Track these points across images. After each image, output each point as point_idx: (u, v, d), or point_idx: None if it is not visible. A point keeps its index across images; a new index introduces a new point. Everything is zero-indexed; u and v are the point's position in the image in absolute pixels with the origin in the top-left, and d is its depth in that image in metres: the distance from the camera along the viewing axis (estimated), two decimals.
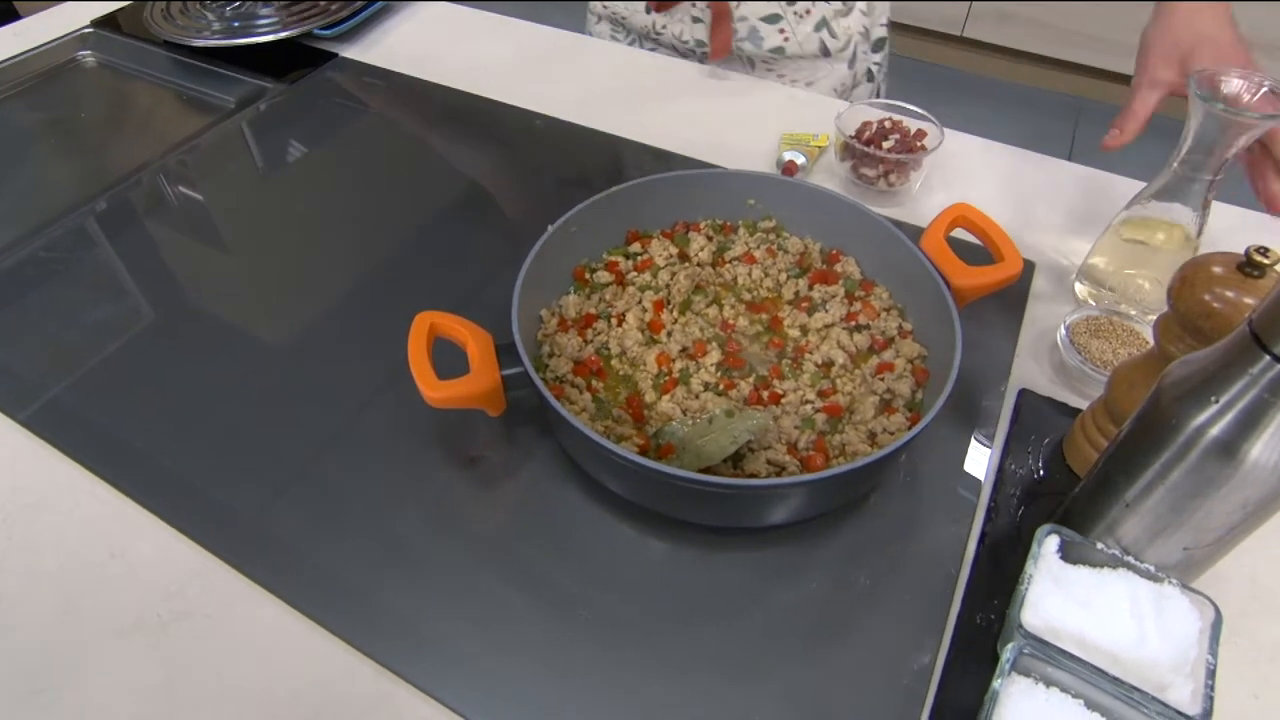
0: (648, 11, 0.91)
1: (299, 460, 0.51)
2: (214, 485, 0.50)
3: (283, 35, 0.91)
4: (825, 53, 0.88)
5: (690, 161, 0.73)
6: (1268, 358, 0.31)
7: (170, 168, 0.74)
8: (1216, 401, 0.33)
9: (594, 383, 0.52)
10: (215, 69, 0.88)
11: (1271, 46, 1.84)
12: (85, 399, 0.55)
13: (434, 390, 0.45)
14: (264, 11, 0.95)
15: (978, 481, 0.50)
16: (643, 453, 0.47)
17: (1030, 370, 0.57)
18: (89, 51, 0.95)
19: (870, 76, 0.94)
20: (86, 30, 0.95)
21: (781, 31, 0.86)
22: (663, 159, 0.74)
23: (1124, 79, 1.98)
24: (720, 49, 0.82)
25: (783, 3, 0.84)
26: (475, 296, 0.62)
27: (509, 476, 0.51)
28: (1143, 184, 0.60)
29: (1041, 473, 0.51)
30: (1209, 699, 0.35)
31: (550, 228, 0.54)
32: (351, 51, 0.91)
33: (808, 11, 0.86)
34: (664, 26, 0.90)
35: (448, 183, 0.74)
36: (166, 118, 0.86)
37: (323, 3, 0.95)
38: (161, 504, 0.49)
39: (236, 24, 0.94)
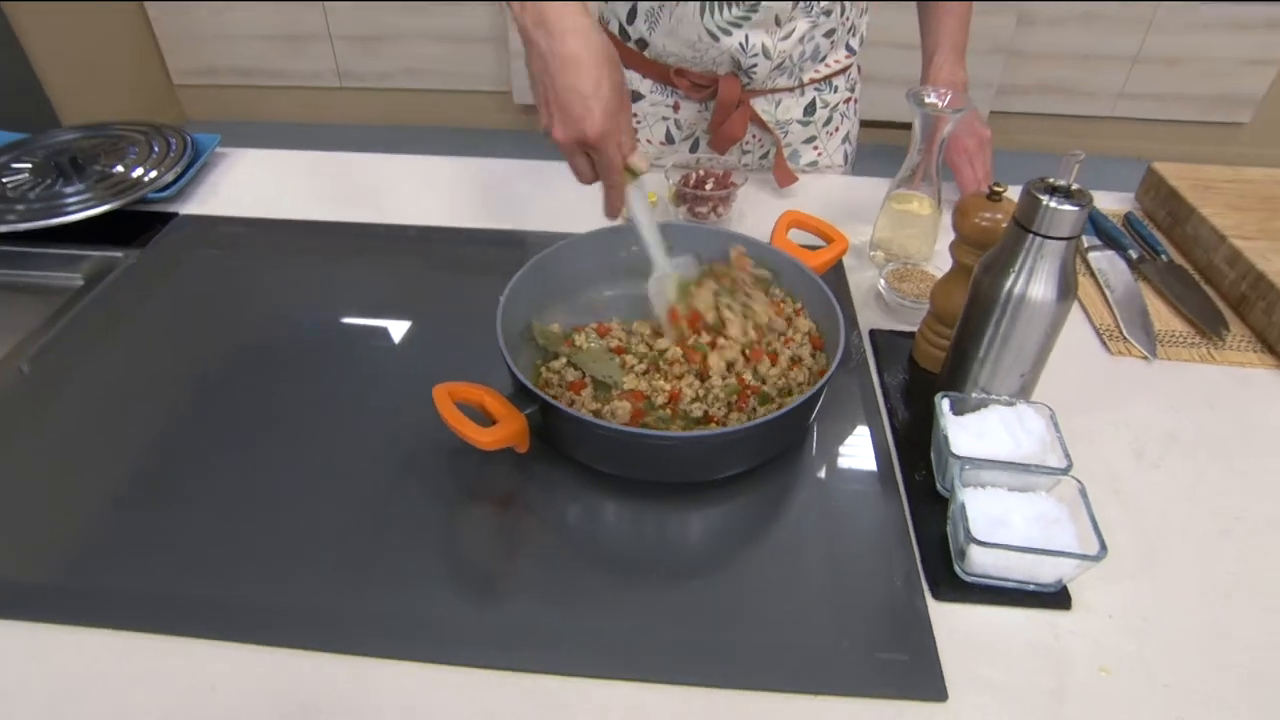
0: (691, 150, 1.00)
1: (363, 555, 0.55)
2: (296, 595, 0.53)
3: (101, 210, 0.91)
4: (846, 160, 1.05)
5: (558, 236, 0.86)
6: (1030, 234, 0.52)
7: (41, 358, 0.72)
8: (1015, 271, 0.53)
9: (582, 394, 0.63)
10: (44, 250, 0.86)
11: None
12: (95, 568, 0.54)
13: (484, 436, 0.54)
14: (69, 190, 0.94)
15: (874, 396, 0.68)
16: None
17: (869, 316, 0.78)
18: None
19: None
20: None
21: (816, 149, 1.01)
22: (536, 239, 0.87)
23: None
24: (786, 178, 0.95)
25: (819, 126, 0.99)
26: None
27: (541, 495, 0.60)
28: (884, 179, 0.84)
29: (905, 376, 0.70)
30: (1067, 457, 0.54)
31: (501, 299, 0.65)
32: (189, 208, 0.94)
33: (837, 129, 1.01)
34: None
35: (356, 300, 0.80)
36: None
37: (137, 174, 0.96)
38: (242, 630, 0.51)
39: (39, 205, 0.92)
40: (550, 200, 0.94)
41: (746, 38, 0.87)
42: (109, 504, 0.59)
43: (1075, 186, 0.51)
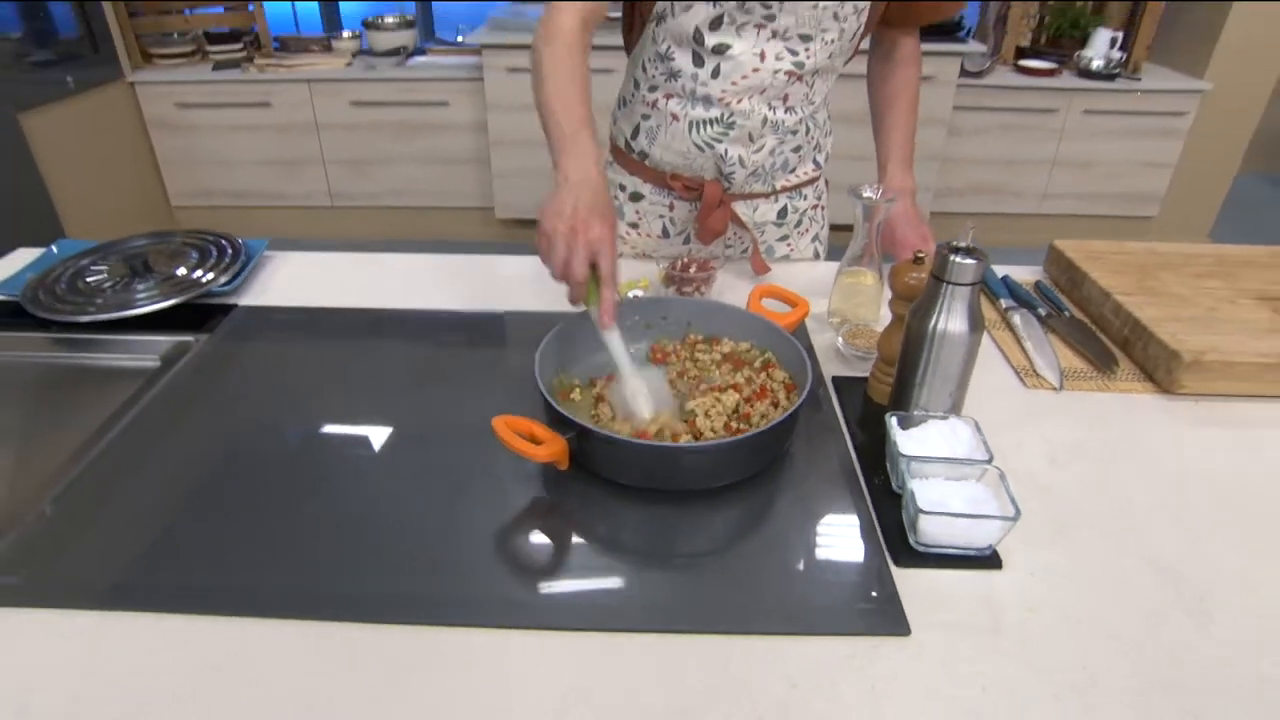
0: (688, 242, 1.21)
1: (437, 553, 0.68)
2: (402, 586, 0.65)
3: (167, 304, 1.05)
4: (816, 256, 1.25)
5: (562, 315, 1.02)
6: (944, 283, 0.69)
7: (138, 420, 0.84)
8: (936, 313, 0.71)
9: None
10: (125, 336, 0.99)
11: None
12: (219, 571, 0.66)
13: (538, 451, 0.68)
14: (141, 287, 1.08)
15: (839, 426, 0.84)
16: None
17: (830, 368, 0.94)
18: None
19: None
20: None
21: (789, 245, 1.22)
22: (545, 319, 1.03)
23: None
24: (761, 268, 1.14)
25: (791, 227, 1.21)
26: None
27: (575, 504, 0.73)
28: (837, 261, 1.03)
29: (861, 410, 0.86)
30: (989, 452, 0.70)
31: (537, 355, 0.80)
32: (246, 300, 1.08)
33: (806, 230, 1.23)
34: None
35: (400, 366, 0.95)
36: (85, 397, 0.95)
37: (197, 275, 1.11)
38: (350, 612, 0.62)
39: (115, 300, 1.05)
40: (548, 290, 1.11)
41: (726, 150, 1.08)
42: (238, 524, 0.71)
43: (973, 246, 0.69)
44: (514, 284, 1.13)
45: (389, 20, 3.33)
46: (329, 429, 0.84)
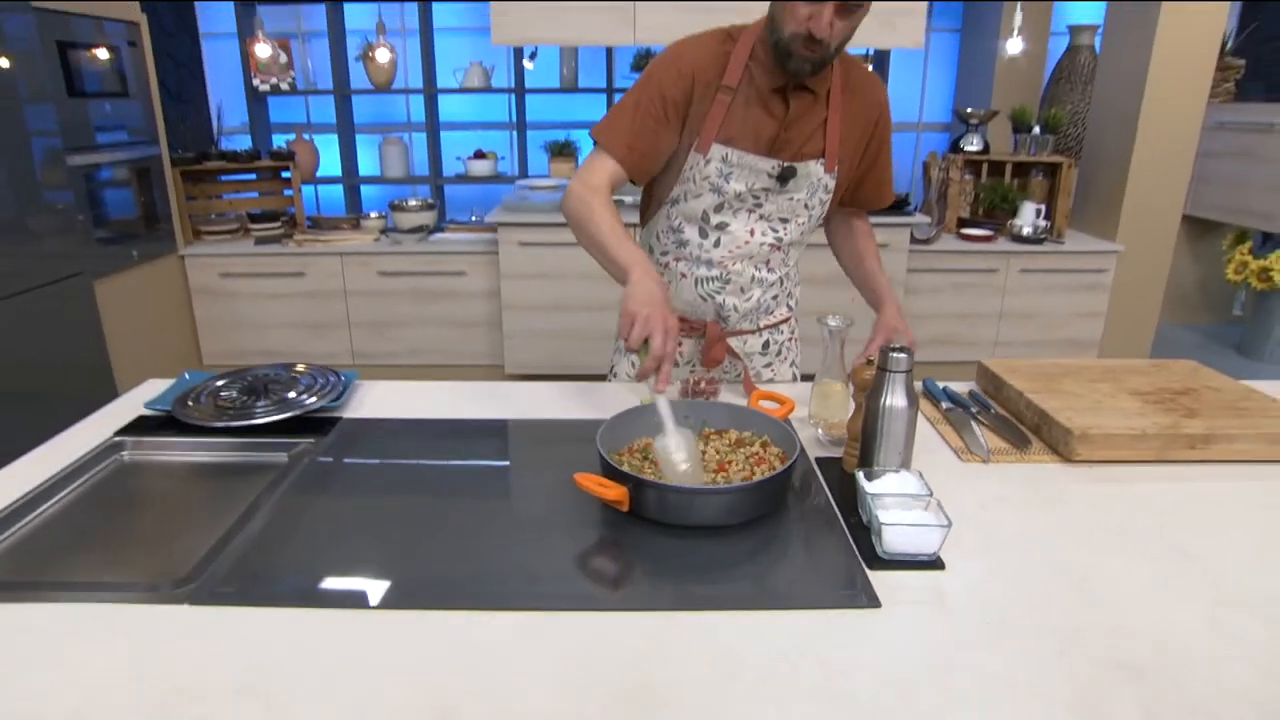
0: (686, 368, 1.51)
1: (532, 570, 0.92)
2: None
3: (282, 417, 1.32)
4: (795, 379, 1.57)
5: (600, 420, 1.30)
6: (886, 372, 1.00)
7: (281, 499, 1.09)
8: (883, 394, 1.00)
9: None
10: (257, 440, 1.25)
11: None
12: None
13: (609, 493, 0.94)
14: (260, 404, 1.36)
15: (823, 488, 1.10)
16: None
17: (813, 451, 1.22)
18: (127, 453, 1.24)
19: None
20: (115, 439, 1.25)
21: (772, 370, 1.53)
22: (588, 425, 1.31)
23: None
24: (750, 389, 1.37)
25: (773, 355, 1.52)
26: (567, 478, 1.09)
27: (633, 538, 0.98)
28: (808, 381, 1.34)
29: (839, 476, 1.13)
30: (929, 488, 0.97)
31: (598, 439, 1.07)
32: (348, 413, 1.36)
33: (785, 358, 1.54)
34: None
35: (489, 446, 1.21)
36: (234, 482, 1.20)
37: (303, 397, 1.39)
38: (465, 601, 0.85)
39: (243, 412, 1.32)
40: (586, 405, 1.41)
41: (724, 300, 1.42)
42: (377, 551, 0.95)
43: (905, 346, 1.00)
44: (553, 401, 1.42)
45: (412, 203, 3.84)
46: (435, 495, 1.10)
